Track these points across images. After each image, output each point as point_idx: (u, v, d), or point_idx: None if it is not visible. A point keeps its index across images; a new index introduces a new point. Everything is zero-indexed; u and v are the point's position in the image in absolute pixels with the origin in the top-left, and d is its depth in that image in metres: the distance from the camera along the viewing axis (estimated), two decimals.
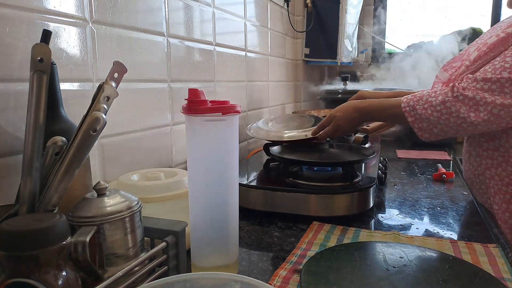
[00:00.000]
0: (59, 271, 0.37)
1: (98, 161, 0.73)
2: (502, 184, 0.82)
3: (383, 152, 1.43)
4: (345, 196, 0.77)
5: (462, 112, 0.75)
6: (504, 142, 0.80)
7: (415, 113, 0.80)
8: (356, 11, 1.99)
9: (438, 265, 0.55)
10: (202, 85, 1.08)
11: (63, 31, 0.64)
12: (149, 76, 0.86)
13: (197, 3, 1.03)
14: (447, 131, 0.79)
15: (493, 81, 0.73)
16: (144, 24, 0.83)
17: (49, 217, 0.37)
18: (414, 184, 1.05)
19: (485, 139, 0.84)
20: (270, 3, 1.56)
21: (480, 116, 0.74)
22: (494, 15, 2.05)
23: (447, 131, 0.79)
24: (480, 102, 0.74)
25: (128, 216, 0.46)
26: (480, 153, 0.86)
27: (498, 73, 0.72)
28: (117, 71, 0.45)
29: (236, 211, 0.56)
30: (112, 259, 0.45)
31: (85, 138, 0.42)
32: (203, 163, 0.52)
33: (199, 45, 1.05)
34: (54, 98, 0.49)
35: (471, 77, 0.76)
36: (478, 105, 0.74)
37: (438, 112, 0.77)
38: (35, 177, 0.41)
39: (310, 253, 0.63)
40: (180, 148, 0.98)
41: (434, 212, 0.83)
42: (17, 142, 0.57)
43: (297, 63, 1.95)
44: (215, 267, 0.55)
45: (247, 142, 1.42)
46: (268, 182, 0.87)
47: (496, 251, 0.63)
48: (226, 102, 0.52)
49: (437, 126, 0.79)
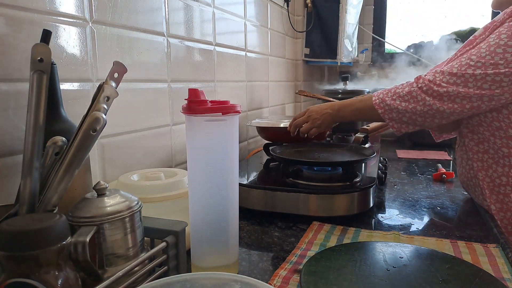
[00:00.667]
0: (59, 271, 0.37)
1: (98, 161, 0.73)
2: (494, 185, 0.83)
3: (383, 152, 1.43)
4: (345, 196, 0.77)
5: (427, 100, 0.79)
6: (492, 144, 0.82)
7: (384, 104, 0.84)
8: (356, 11, 1.99)
9: (438, 265, 0.55)
10: (202, 85, 1.08)
11: (63, 31, 0.64)
12: (149, 76, 0.86)
13: (197, 3, 1.03)
14: (416, 119, 0.82)
15: (458, 76, 0.76)
16: (144, 24, 0.83)
17: (49, 217, 0.37)
18: (414, 184, 1.05)
19: (474, 142, 0.85)
20: (270, 3, 1.56)
21: (445, 104, 0.78)
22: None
23: (415, 119, 0.82)
24: (444, 93, 0.77)
25: (128, 216, 0.46)
26: (470, 157, 0.87)
27: (463, 70, 0.76)
28: (117, 71, 0.45)
29: (236, 211, 0.56)
30: (112, 259, 0.45)
31: (85, 138, 0.42)
32: (203, 163, 0.52)
33: (199, 45, 1.05)
34: (54, 98, 0.49)
35: (438, 70, 0.80)
36: (442, 95, 0.78)
37: (406, 102, 0.82)
38: (35, 177, 0.41)
39: (310, 253, 0.63)
40: (180, 148, 0.98)
41: (434, 212, 0.83)
42: (17, 142, 0.57)
43: (297, 63, 1.95)
44: (215, 267, 0.55)
45: (247, 142, 1.42)
46: (268, 182, 0.87)
47: (496, 251, 0.63)
48: (226, 102, 0.52)
49: (405, 115, 0.82)
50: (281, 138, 1.13)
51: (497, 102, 0.76)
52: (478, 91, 0.75)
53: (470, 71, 0.75)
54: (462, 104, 0.77)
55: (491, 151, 0.83)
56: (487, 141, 0.83)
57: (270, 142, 1.17)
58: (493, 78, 0.73)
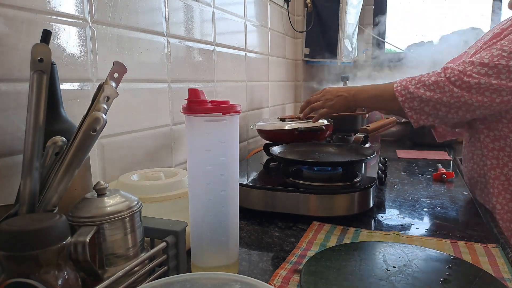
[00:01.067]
0: (59, 271, 0.37)
1: (98, 161, 0.73)
2: (509, 184, 0.82)
3: (383, 152, 1.43)
4: (345, 196, 0.77)
5: (455, 92, 0.75)
6: (510, 142, 0.80)
7: (406, 92, 0.80)
8: (356, 11, 1.99)
9: (438, 265, 0.55)
10: (202, 85, 1.08)
11: (63, 31, 0.64)
12: (149, 76, 0.86)
13: (197, 3, 1.03)
14: (439, 111, 0.78)
15: (490, 67, 0.73)
16: (144, 24, 0.83)
17: (49, 217, 0.37)
18: (414, 184, 1.05)
19: (490, 139, 0.84)
20: (270, 3, 1.56)
21: (474, 97, 0.74)
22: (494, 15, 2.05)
23: (438, 111, 0.78)
24: (475, 84, 0.73)
25: (128, 216, 0.46)
26: (485, 153, 0.85)
27: (496, 60, 0.73)
28: (117, 71, 0.45)
29: (236, 211, 0.56)
30: (112, 259, 0.45)
31: (85, 138, 0.42)
32: (203, 163, 0.52)
33: (199, 45, 1.05)
34: (54, 98, 0.49)
35: (467, 61, 0.76)
36: (472, 87, 0.74)
37: (432, 92, 0.77)
38: (35, 177, 0.41)
39: (310, 253, 0.63)
40: (180, 148, 0.98)
41: (434, 212, 0.83)
42: (17, 142, 0.57)
43: (297, 63, 1.96)
44: (215, 267, 0.55)
45: (247, 142, 1.42)
46: (268, 182, 0.87)
47: (496, 251, 0.63)
48: (226, 102, 0.52)
49: (429, 104, 0.78)
50: (281, 138, 1.13)
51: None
52: (511, 84, 0.72)
53: (503, 62, 0.72)
54: (491, 97, 0.73)
55: (508, 149, 0.81)
56: (504, 139, 0.80)
57: (270, 142, 1.17)
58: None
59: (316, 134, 1.14)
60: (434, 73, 0.79)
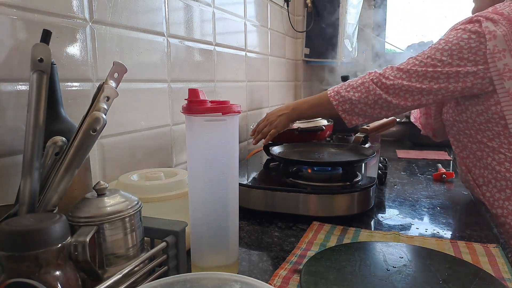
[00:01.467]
0: (59, 271, 0.37)
1: (98, 161, 0.73)
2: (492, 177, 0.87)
3: (383, 152, 1.43)
4: (345, 196, 0.77)
5: (377, 91, 0.87)
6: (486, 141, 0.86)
7: (339, 96, 0.91)
8: (356, 11, 1.99)
9: (438, 265, 0.55)
10: (202, 85, 1.08)
11: (63, 31, 0.64)
12: (149, 76, 0.86)
13: (197, 3, 1.03)
14: (366, 110, 0.89)
15: (404, 71, 0.86)
16: (144, 24, 0.83)
17: (49, 217, 0.37)
18: (414, 184, 1.05)
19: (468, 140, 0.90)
20: (270, 3, 1.56)
21: (391, 97, 0.86)
22: None
23: (366, 110, 0.89)
24: (391, 86, 0.86)
25: (128, 216, 0.46)
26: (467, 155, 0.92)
27: (409, 66, 0.86)
28: (117, 71, 0.45)
29: (236, 211, 0.56)
30: (112, 259, 0.45)
31: (85, 138, 0.42)
32: (203, 163, 0.52)
33: (199, 45, 1.05)
34: (54, 98, 0.49)
35: (389, 66, 0.89)
36: (389, 88, 0.86)
37: (359, 92, 0.88)
38: (35, 177, 0.41)
39: (310, 253, 0.63)
40: (180, 148, 0.98)
41: (434, 212, 0.83)
42: (17, 142, 0.57)
43: (297, 63, 1.96)
44: (215, 267, 0.55)
45: (247, 142, 1.42)
46: (268, 182, 0.87)
47: (496, 251, 0.63)
48: (226, 102, 0.52)
49: (357, 106, 0.89)
50: (281, 138, 1.13)
51: (434, 97, 0.83)
52: (419, 85, 0.83)
53: (414, 68, 0.85)
54: (405, 97, 0.85)
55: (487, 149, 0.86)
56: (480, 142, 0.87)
57: (270, 142, 1.17)
58: (432, 75, 0.82)
59: (316, 134, 1.14)
60: (361, 77, 0.91)
